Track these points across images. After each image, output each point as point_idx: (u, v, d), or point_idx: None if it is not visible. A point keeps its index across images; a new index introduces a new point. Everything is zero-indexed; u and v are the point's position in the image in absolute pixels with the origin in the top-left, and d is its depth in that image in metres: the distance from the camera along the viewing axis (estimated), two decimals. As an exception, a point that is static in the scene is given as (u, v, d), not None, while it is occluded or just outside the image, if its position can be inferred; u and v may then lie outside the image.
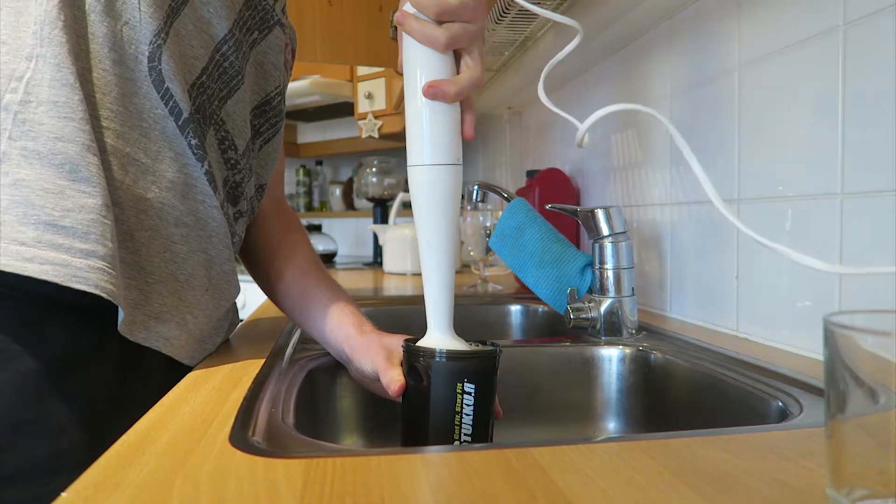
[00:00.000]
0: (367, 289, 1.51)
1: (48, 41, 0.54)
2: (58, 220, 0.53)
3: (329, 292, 0.74)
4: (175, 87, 0.59)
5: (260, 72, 0.74)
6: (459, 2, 0.53)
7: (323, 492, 0.35)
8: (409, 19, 0.53)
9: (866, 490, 0.30)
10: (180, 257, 0.62)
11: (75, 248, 0.53)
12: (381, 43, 1.52)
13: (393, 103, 2.16)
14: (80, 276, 0.52)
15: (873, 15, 0.59)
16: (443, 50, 0.53)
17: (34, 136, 0.53)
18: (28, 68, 0.54)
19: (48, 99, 0.54)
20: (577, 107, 1.32)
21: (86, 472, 0.38)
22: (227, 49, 0.66)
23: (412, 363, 0.56)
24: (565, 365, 0.81)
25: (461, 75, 0.54)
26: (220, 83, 0.66)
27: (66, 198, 0.53)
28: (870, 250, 0.60)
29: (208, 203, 0.64)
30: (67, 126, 0.54)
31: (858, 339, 0.29)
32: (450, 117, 0.55)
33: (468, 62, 0.55)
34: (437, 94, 0.53)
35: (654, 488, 0.35)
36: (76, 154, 0.54)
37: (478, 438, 0.55)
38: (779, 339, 0.73)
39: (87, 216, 0.54)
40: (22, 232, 0.52)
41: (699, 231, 0.89)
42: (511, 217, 0.98)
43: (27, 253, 0.52)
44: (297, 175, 3.12)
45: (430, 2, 0.53)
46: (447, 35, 0.52)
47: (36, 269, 0.51)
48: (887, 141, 0.58)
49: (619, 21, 1.01)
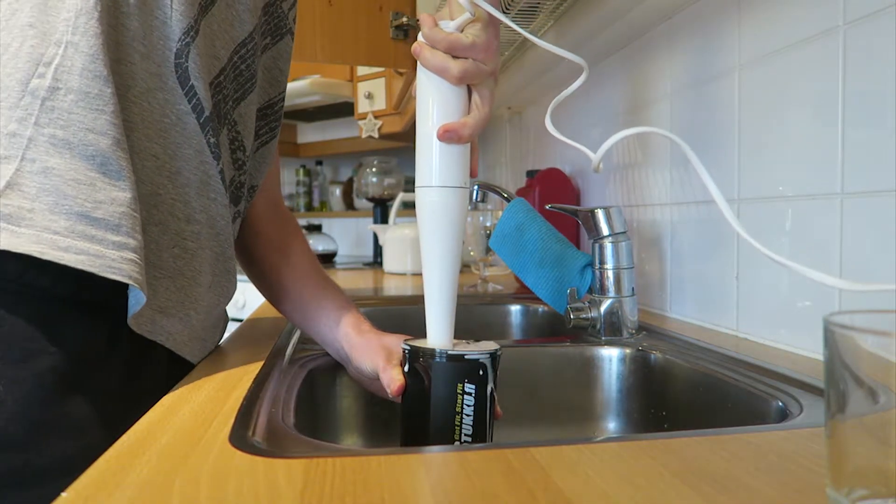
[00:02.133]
0: (367, 289, 1.51)
1: (83, 31, 0.54)
2: (90, 212, 0.53)
3: (327, 292, 0.74)
4: (199, 84, 0.60)
5: (267, 76, 0.75)
6: (471, 41, 0.54)
7: (323, 492, 0.35)
8: (424, 50, 0.55)
9: (866, 490, 0.30)
10: (189, 253, 0.62)
11: (108, 240, 0.53)
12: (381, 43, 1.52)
13: (393, 103, 2.16)
14: (114, 266, 0.52)
15: (873, 15, 0.59)
16: (455, 83, 0.55)
17: (63, 124, 0.53)
18: (57, 54, 0.54)
19: (79, 88, 0.53)
20: (577, 106, 1.32)
21: (86, 472, 0.38)
22: (246, 52, 0.67)
23: (413, 363, 0.56)
24: (565, 365, 0.81)
25: (471, 116, 0.56)
26: (236, 84, 0.67)
27: (98, 190, 0.53)
28: (870, 250, 0.60)
29: (219, 201, 0.64)
30: (99, 119, 0.54)
31: (858, 339, 0.29)
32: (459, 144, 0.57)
33: (477, 101, 0.56)
34: (451, 139, 0.55)
35: (654, 488, 0.35)
36: (107, 148, 0.54)
37: (478, 438, 0.55)
38: (779, 339, 0.73)
39: (119, 209, 0.54)
40: (54, 221, 0.52)
41: (699, 231, 0.89)
42: (511, 217, 0.98)
43: (62, 242, 0.51)
44: (297, 175, 3.12)
45: (441, 37, 0.54)
46: (460, 69, 0.54)
47: (72, 259, 0.51)
48: (887, 141, 0.58)
49: (620, 21, 1.01)
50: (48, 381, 0.53)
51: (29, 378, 0.52)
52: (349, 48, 1.51)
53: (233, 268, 0.69)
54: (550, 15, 1.13)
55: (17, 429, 0.52)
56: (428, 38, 0.55)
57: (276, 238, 0.80)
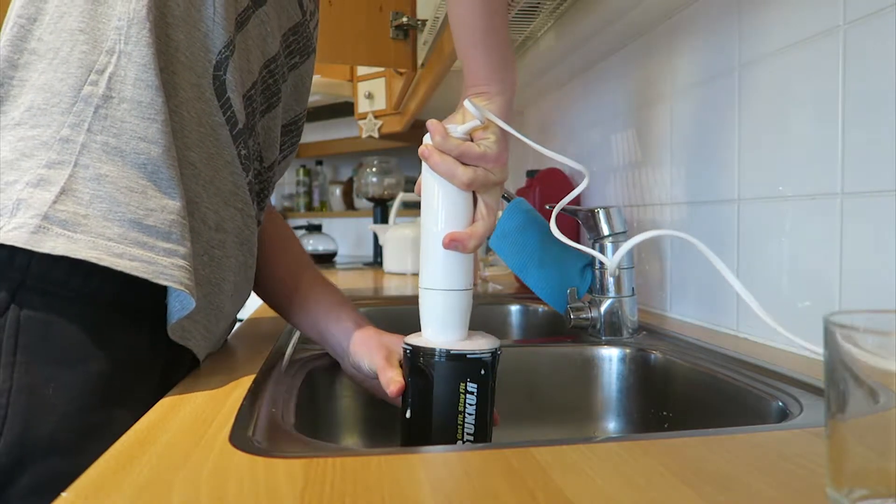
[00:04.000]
0: (367, 289, 1.51)
1: (135, 40, 0.54)
2: (142, 219, 0.53)
3: (323, 288, 0.75)
4: (235, 97, 0.61)
5: (294, 93, 0.76)
6: (482, 151, 0.55)
7: (323, 492, 0.35)
8: (434, 154, 0.55)
9: (866, 490, 0.30)
10: (215, 262, 0.63)
11: (159, 247, 0.54)
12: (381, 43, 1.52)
13: (393, 103, 2.16)
14: (166, 273, 0.53)
15: (873, 15, 0.59)
16: (464, 188, 0.55)
17: (116, 132, 0.54)
18: (110, 63, 0.54)
19: (132, 97, 0.54)
20: (577, 106, 1.32)
21: (86, 472, 0.38)
22: (275, 67, 0.68)
23: (414, 363, 0.56)
24: (565, 365, 0.81)
25: (478, 225, 0.56)
26: (262, 98, 0.68)
27: (149, 198, 0.54)
28: (870, 250, 0.60)
29: (245, 212, 0.65)
30: (151, 127, 0.54)
31: (858, 339, 0.29)
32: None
33: (482, 210, 0.57)
34: (457, 248, 0.55)
35: (654, 488, 0.35)
36: (158, 157, 0.54)
37: (480, 438, 0.55)
38: (779, 339, 0.73)
39: (169, 216, 0.54)
40: (108, 227, 0.52)
41: (699, 231, 0.89)
42: (511, 217, 0.98)
43: (116, 248, 0.52)
44: (297, 175, 3.12)
45: (453, 146, 0.54)
46: (469, 175, 0.55)
47: (127, 265, 0.52)
48: (887, 141, 0.58)
49: (620, 21, 1.01)
50: (97, 386, 0.54)
51: (79, 382, 0.53)
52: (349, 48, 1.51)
53: (252, 276, 0.70)
54: (550, 15, 1.13)
55: (66, 433, 0.52)
56: (440, 147, 0.55)
57: (268, 234, 0.81)
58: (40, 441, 0.51)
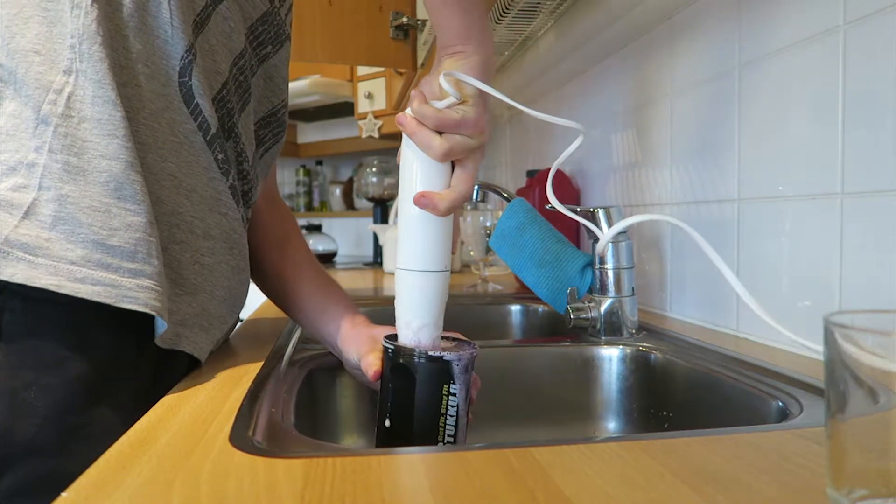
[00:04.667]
0: (367, 289, 1.51)
1: (88, 56, 0.54)
2: (105, 240, 0.53)
3: (325, 288, 0.75)
4: (204, 102, 0.60)
5: (269, 85, 0.74)
6: (461, 117, 0.53)
7: (323, 492, 0.35)
8: (410, 123, 0.54)
9: (866, 490, 0.30)
10: (207, 269, 0.63)
11: (124, 268, 0.54)
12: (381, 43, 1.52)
13: (393, 103, 2.16)
14: (130, 295, 0.53)
15: (873, 15, 0.59)
16: (439, 159, 0.54)
17: (77, 151, 0.53)
18: (68, 82, 0.54)
19: (91, 116, 0.54)
20: (577, 106, 1.32)
21: (86, 472, 0.38)
22: (244, 63, 0.67)
23: (396, 362, 0.55)
24: (565, 365, 0.81)
25: (452, 189, 0.54)
26: (236, 96, 0.67)
27: (113, 216, 0.54)
28: (870, 250, 0.60)
29: (231, 216, 0.65)
30: (111, 144, 0.54)
31: (858, 339, 0.29)
32: (444, 225, 0.55)
33: (461, 176, 0.55)
34: (427, 206, 0.53)
35: (654, 488, 0.35)
36: (121, 172, 0.54)
37: (458, 439, 0.55)
38: (779, 339, 0.73)
39: (134, 235, 0.54)
40: (70, 250, 0.52)
41: (699, 231, 0.88)
42: (511, 217, 0.98)
43: (78, 273, 0.52)
44: (297, 175, 3.12)
45: (430, 113, 0.53)
46: (445, 146, 0.53)
47: (88, 291, 0.52)
48: (887, 141, 0.58)
49: (620, 21, 1.01)
50: (79, 388, 0.54)
51: (60, 385, 0.53)
52: (349, 48, 1.51)
53: (246, 279, 0.70)
54: (550, 15, 1.13)
55: (48, 435, 0.52)
56: (417, 114, 0.53)
57: (274, 232, 0.81)
58: (21, 443, 0.51)
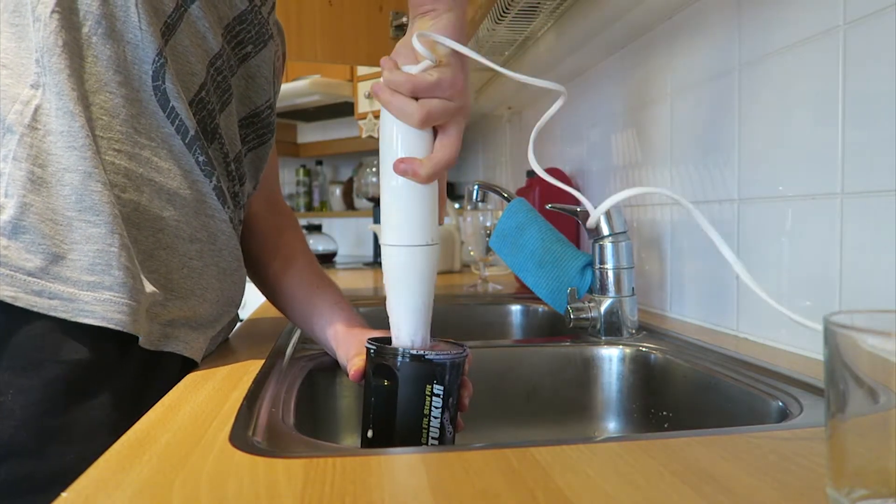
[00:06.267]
0: (367, 289, 1.51)
1: (49, 69, 0.54)
2: (66, 253, 0.53)
3: (322, 290, 0.75)
4: (179, 105, 0.60)
5: (251, 84, 0.73)
6: (436, 79, 0.51)
7: (323, 492, 0.35)
8: (384, 92, 0.51)
9: (866, 490, 0.30)
10: (196, 272, 0.63)
11: (83, 281, 0.53)
12: (381, 43, 1.53)
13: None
14: (87, 309, 0.53)
15: (873, 15, 0.59)
16: (419, 126, 0.51)
17: (42, 163, 0.54)
18: (35, 95, 0.54)
19: (56, 129, 0.54)
20: (577, 106, 1.32)
21: (86, 472, 0.38)
22: (221, 63, 0.66)
23: (379, 362, 0.54)
24: (565, 365, 0.81)
25: (434, 155, 0.52)
26: (215, 97, 0.66)
27: (74, 229, 0.54)
28: (870, 250, 0.60)
29: (218, 217, 0.65)
30: (72, 156, 0.54)
31: (858, 339, 0.29)
32: (427, 195, 0.53)
33: (443, 141, 0.52)
34: (406, 172, 0.51)
35: (654, 488, 0.35)
36: (79, 183, 0.54)
37: (444, 440, 0.54)
38: (779, 339, 0.73)
39: (93, 247, 0.54)
40: (29, 260, 0.52)
41: (699, 231, 0.89)
42: (511, 217, 0.98)
43: (35, 285, 0.52)
44: (297, 175, 3.12)
45: (403, 79, 0.50)
46: (423, 112, 0.50)
47: (45, 305, 0.52)
48: (887, 141, 0.58)
49: (620, 21, 1.01)
50: (56, 390, 0.53)
51: (37, 387, 0.53)
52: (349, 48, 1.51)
53: (241, 278, 0.70)
54: (550, 15, 1.13)
55: (25, 436, 0.52)
56: (388, 83, 0.51)
57: (273, 234, 0.81)
58: None
